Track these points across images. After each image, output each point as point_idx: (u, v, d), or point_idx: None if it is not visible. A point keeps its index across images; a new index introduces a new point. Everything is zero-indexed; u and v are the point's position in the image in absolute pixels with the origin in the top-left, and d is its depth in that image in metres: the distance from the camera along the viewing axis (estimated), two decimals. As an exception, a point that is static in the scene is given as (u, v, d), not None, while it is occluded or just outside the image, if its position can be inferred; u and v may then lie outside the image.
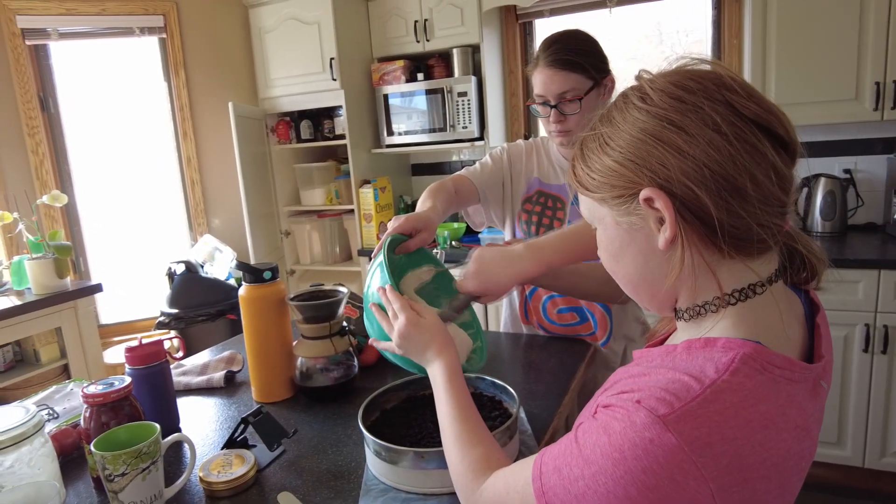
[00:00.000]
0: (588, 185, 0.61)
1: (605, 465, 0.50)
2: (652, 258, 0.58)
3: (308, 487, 0.90)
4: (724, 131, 0.52)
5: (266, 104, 3.30)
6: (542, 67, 1.30)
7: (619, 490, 0.49)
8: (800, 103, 2.41)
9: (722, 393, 0.49)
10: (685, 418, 0.48)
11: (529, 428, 1.02)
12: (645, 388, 0.52)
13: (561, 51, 1.28)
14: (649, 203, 0.55)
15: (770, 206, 0.53)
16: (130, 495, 0.80)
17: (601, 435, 0.51)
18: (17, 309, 2.34)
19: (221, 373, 1.32)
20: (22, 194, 2.84)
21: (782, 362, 0.53)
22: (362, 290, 1.04)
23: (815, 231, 2.59)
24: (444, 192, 1.33)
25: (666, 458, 0.47)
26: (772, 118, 0.53)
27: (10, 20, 2.86)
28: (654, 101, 0.55)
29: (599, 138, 0.59)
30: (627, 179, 0.56)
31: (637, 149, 0.55)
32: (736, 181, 0.52)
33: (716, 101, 0.53)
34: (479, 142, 2.99)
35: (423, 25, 3.01)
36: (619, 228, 0.59)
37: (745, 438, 0.49)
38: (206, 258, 3.06)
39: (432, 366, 0.85)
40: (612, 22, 3.01)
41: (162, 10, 3.12)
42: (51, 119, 3.04)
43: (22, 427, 0.81)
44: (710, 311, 0.57)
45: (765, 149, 0.52)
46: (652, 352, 0.60)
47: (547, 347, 1.41)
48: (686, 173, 0.52)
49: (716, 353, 0.53)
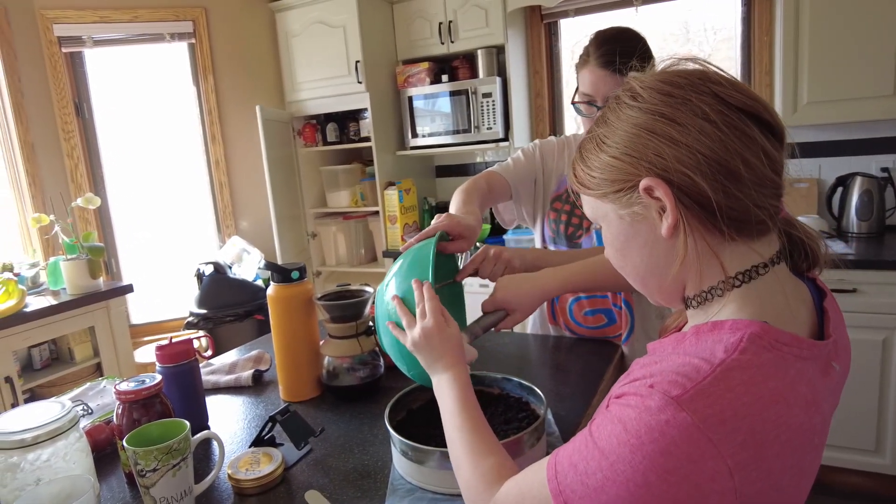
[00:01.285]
0: (588, 183, 0.63)
1: (622, 454, 0.50)
2: (657, 248, 0.60)
3: (335, 486, 0.90)
4: (713, 119, 0.55)
5: (293, 107, 3.34)
6: (594, 67, 1.23)
7: (637, 477, 0.49)
8: (834, 100, 2.34)
9: (731, 371, 0.51)
10: (698, 397, 0.49)
11: (557, 430, 1.00)
12: (657, 373, 0.53)
13: (615, 53, 1.21)
14: (649, 192, 0.57)
15: (764, 187, 0.56)
16: (161, 491, 0.81)
17: (616, 425, 0.52)
18: (53, 308, 2.41)
19: (249, 372, 1.34)
20: (58, 197, 2.92)
21: (789, 339, 0.54)
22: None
23: (850, 231, 2.51)
24: (478, 193, 1.30)
25: (682, 438, 0.48)
26: (757, 105, 0.56)
27: (47, 28, 2.95)
28: (644, 99, 0.58)
29: (596, 139, 0.62)
30: (626, 172, 0.58)
31: (633, 143, 0.58)
32: (729, 164, 0.54)
33: (703, 93, 0.56)
34: (504, 143, 2.98)
35: (447, 27, 3.02)
36: (622, 222, 0.62)
37: (757, 414, 0.50)
38: (234, 259, 3.10)
39: (443, 375, 0.82)
40: (639, 20, 2.98)
41: (191, 15, 3.18)
42: (85, 124, 3.13)
43: (58, 422, 0.83)
44: (716, 295, 0.59)
45: (753, 133, 0.55)
46: (663, 342, 0.62)
47: (574, 349, 1.40)
48: (681, 161, 0.55)
49: (724, 335, 0.55)
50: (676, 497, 0.48)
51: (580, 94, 1.29)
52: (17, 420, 0.83)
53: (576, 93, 1.31)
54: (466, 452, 0.72)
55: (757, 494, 0.50)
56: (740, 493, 0.49)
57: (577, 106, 1.30)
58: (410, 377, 0.94)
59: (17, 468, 0.80)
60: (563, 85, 3.29)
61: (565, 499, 0.54)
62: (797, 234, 0.63)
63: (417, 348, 0.85)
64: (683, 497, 0.48)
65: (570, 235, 1.43)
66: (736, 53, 2.84)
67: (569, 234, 1.43)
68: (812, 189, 2.68)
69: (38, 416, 0.84)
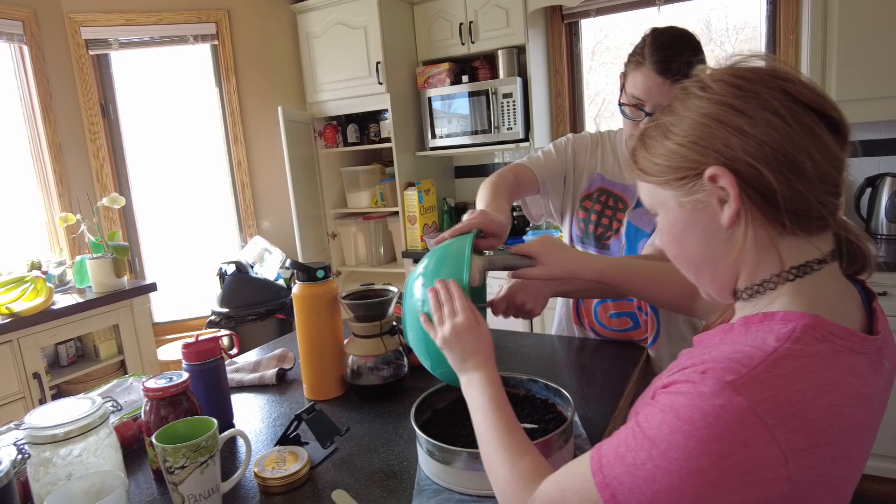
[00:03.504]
0: (650, 170, 0.64)
1: (675, 440, 0.50)
2: (714, 237, 0.60)
3: (361, 486, 0.90)
4: (782, 113, 0.55)
5: (314, 108, 3.36)
6: (650, 71, 1.15)
7: (691, 464, 0.49)
8: (863, 99, 2.29)
9: (784, 359, 0.51)
10: (752, 383, 0.49)
11: (584, 432, 0.99)
12: (708, 360, 0.53)
13: (675, 59, 1.13)
14: (714, 181, 0.57)
15: (826, 183, 0.56)
16: (189, 487, 0.82)
17: (666, 413, 0.52)
18: (79, 306, 2.45)
19: (273, 370, 1.34)
20: (84, 196, 2.97)
21: (842, 332, 0.54)
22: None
23: (880, 233, 2.45)
24: (506, 187, 1.27)
25: (737, 422, 0.48)
26: (824, 102, 0.57)
27: (75, 32, 3.00)
28: (714, 90, 0.59)
29: (661, 127, 0.63)
30: (692, 160, 0.59)
31: (700, 132, 0.58)
32: (795, 158, 0.55)
33: (772, 88, 0.57)
34: (524, 143, 2.97)
35: (468, 27, 3.01)
36: (682, 210, 0.62)
37: (811, 402, 0.50)
38: (256, 259, 3.13)
39: (474, 374, 0.81)
40: (661, 20, 2.94)
41: (214, 18, 3.22)
42: (110, 125, 3.18)
43: (89, 418, 0.84)
44: (768, 288, 0.59)
45: (820, 130, 0.56)
46: (709, 333, 0.63)
47: (599, 351, 1.38)
48: (748, 152, 0.56)
49: (775, 325, 0.55)
50: (730, 484, 0.48)
51: (629, 95, 1.21)
52: (50, 416, 0.84)
53: (622, 92, 1.25)
54: (502, 452, 0.71)
55: (807, 483, 0.49)
56: (793, 481, 0.48)
57: (623, 108, 1.24)
58: (435, 374, 0.93)
59: (50, 463, 0.81)
60: (583, 85, 3.26)
61: (613, 491, 0.54)
62: (848, 236, 0.64)
63: (448, 345, 0.83)
64: (736, 483, 0.48)
65: (598, 236, 1.40)
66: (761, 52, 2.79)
67: (598, 234, 1.40)
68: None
69: (70, 411, 0.85)
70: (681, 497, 0.49)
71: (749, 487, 0.48)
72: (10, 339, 2.23)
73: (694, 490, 0.49)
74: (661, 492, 0.50)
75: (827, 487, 0.51)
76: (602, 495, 0.54)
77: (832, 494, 0.52)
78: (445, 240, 0.97)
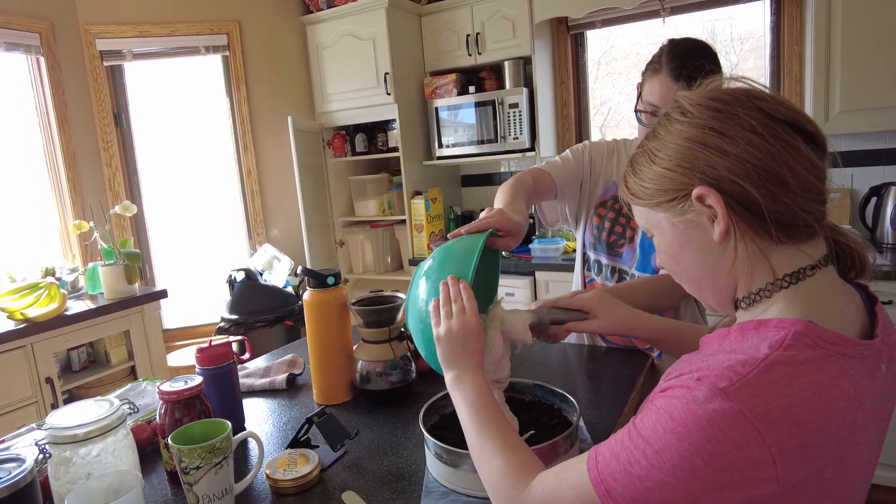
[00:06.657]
0: (641, 194, 0.67)
1: (668, 442, 0.53)
2: (709, 253, 0.63)
3: (370, 488, 0.92)
4: (760, 131, 0.58)
5: (323, 118, 3.41)
6: (667, 78, 1.19)
7: (684, 463, 0.51)
8: (867, 109, 2.31)
9: (776, 365, 0.53)
10: (744, 388, 0.52)
11: (589, 437, 1.01)
12: (703, 368, 0.56)
13: (692, 67, 1.16)
14: (701, 200, 0.60)
15: (809, 192, 0.59)
16: (203, 488, 0.84)
17: (661, 416, 0.55)
18: (92, 312, 2.48)
19: (283, 375, 1.37)
20: (97, 204, 3.02)
21: (833, 338, 0.56)
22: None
23: (885, 242, 2.46)
24: (525, 190, 1.27)
25: (729, 426, 0.50)
26: (800, 117, 0.60)
27: (90, 43, 3.07)
28: (693, 114, 0.62)
29: (648, 152, 0.66)
30: (679, 182, 0.62)
31: (684, 155, 0.62)
32: (776, 172, 0.58)
33: (749, 108, 0.60)
34: (531, 153, 3.00)
35: (475, 39, 3.05)
36: (675, 229, 0.65)
37: (801, 406, 0.51)
38: (265, 266, 3.16)
39: (467, 374, 0.82)
40: (666, 31, 2.97)
41: (225, 29, 3.27)
42: (123, 134, 3.23)
43: (108, 418, 0.86)
44: (764, 296, 0.62)
45: (798, 143, 0.59)
46: (710, 338, 0.65)
47: (605, 358, 1.40)
48: (731, 170, 0.58)
49: (769, 332, 0.57)
50: (720, 482, 0.51)
51: (645, 103, 1.24)
52: (70, 416, 0.87)
53: (638, 100, 1.27)
54: (497, 444, 0.73)
55: (799, 484, 0.51)
56: (782, 481, 0.51)
57: (639, 115, 1.26)
58: (430, 364, 0.90)
59: (70, 462, 0.84)
60: (589, 95, 3.29)
61: (607, 487, 0.56)
62: (845, 242, 0.66)
63: (443, 341, 0.83)
64: (726, 482, 0.51)
65: (611, 243, 1.41)
66: (764, 63, 2.81)
67: (610, 241, 1.41)
68: (844, 199, 2.64)
69: (89, 412, 0.88)
70: (673, 494, 0.52)
71: (739, 486, 0.50)
72: (24, 344, 2.27)
73: (686, 488, 0.51)
74: (654, 489, 0.53)
75: (820, 488, 0.53)
76: (597, 491, 0.57)
77: (827, 494, 0.54)
78: (461, 235, 0.97)
